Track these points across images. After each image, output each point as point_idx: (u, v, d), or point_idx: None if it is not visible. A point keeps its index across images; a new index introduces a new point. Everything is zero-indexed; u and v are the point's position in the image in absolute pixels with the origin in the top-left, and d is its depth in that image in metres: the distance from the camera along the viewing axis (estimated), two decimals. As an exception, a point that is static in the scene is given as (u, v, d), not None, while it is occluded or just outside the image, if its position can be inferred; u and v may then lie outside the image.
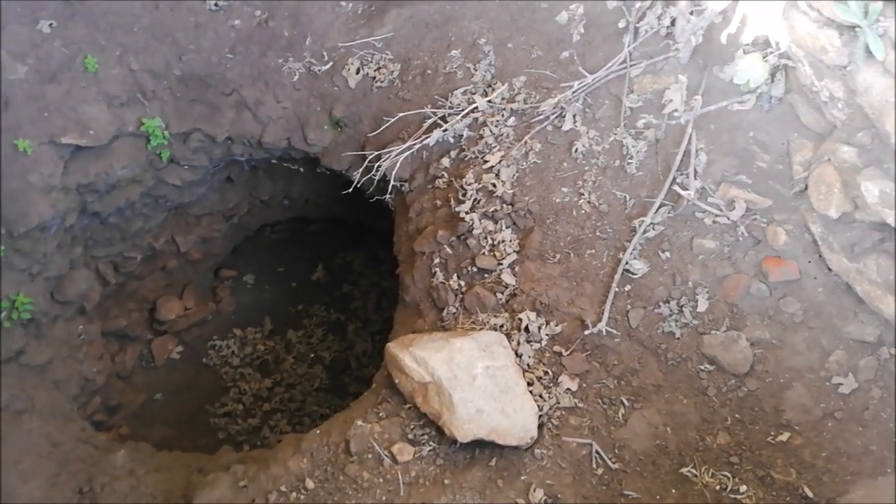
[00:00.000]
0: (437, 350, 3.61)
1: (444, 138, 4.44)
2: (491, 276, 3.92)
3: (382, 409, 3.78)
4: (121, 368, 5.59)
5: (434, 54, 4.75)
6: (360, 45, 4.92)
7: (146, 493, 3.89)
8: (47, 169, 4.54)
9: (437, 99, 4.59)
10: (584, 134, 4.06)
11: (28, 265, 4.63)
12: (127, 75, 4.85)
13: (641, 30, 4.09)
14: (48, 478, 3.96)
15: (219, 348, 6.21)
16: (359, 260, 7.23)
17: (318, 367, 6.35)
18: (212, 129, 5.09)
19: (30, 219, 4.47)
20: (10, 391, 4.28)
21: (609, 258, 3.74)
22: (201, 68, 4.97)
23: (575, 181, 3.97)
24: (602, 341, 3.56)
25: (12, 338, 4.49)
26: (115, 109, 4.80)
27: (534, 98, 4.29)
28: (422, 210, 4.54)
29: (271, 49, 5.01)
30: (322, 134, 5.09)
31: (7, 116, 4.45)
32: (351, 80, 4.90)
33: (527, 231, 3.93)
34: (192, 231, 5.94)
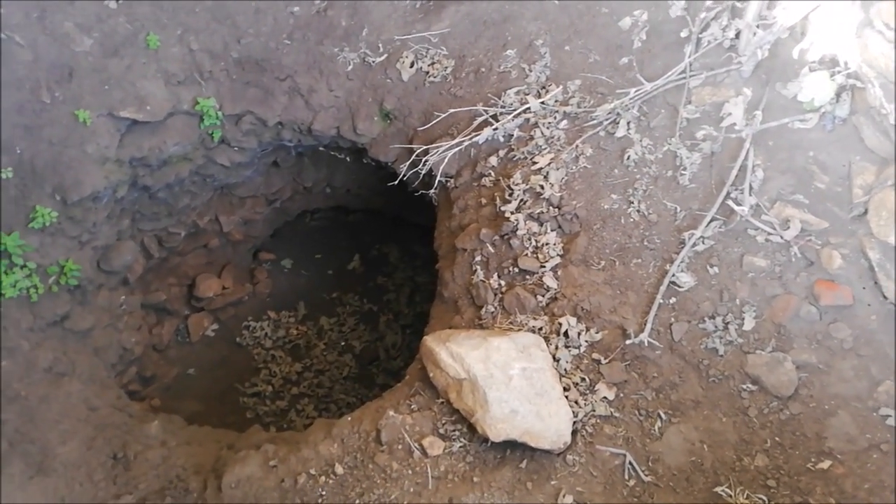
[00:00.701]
0: (474, 347, 3.60)
1: (493, 137, 4.43)
2: (532, 277, 3.90)
3: (415, 402, 3.78)
4: (157, 341, 5.69)
5: (489, 52, 4.74)
6: (416, 38, 4.93)
7: (177, 465, 3.95)
8: (104, 140, 4.64)
9: (489, 97, 4.58)
10: (638, 142, 4.01)
11: (78, 233, 4.74)
12: (186, 54, 4.93)
13: (704, 40, 4.03)
14: (85, 441, 4.05)
15: (253, 329, 6.29)
16: (394, 253, 7.25)
17: (347, 356, 6.39)
18: (264, 113, 5.15)
19: (84, 188, 4.58)
20: (53, 353, 4.39)
21: (655, 269, 3.69)
22: (258, 52, 5.03)
23: (625, 189, 3.93)
24: (643, 352, 3.51)
25: (59, 302, 4.60)
26: (172, 87, 4.89)
27: (588, 102, 4.26)
28: (466, 207, 4.54)
29: (328, 38, 5.05)
30: (371, 125, 5.12)
31: (71, 87, 4.56)
32: (404, 74, 4.92)
33: (572, 235, 3.90)
34: (236, 212, 6.02)
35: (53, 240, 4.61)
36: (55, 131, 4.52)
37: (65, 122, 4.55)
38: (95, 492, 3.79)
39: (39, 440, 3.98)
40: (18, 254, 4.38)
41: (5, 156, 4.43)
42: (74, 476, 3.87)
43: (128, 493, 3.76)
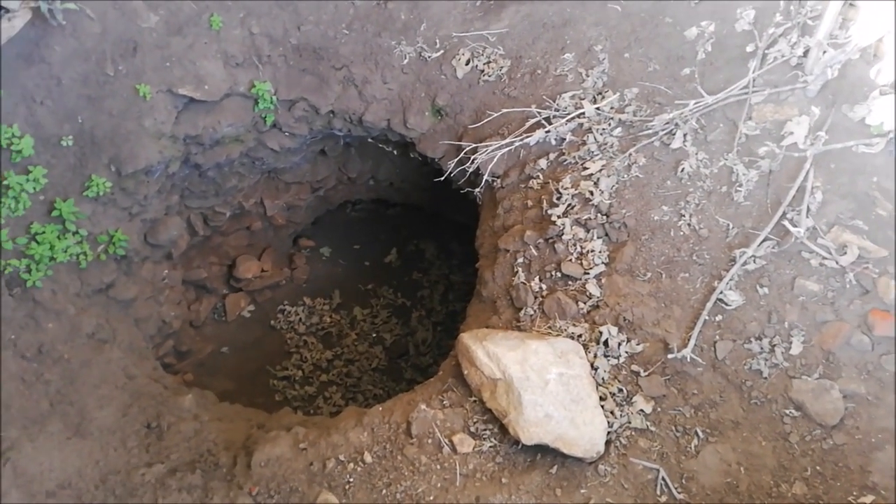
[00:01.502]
0: (511, 349, 3.58)
1: (545, 139, 4.40)
2: (575, 284, 3.86)
3: (447, 398, 3.78)
4: (194, 317, 5.79)
5: (546, 55, 4.72)
6: (474, 36, 4.93)
7: (208, 439, 4.01)
8: (161, 116, 4.74)
9: (543, 99, 4.56)
10: (693, 155, 3.94)
11: (129, 205, 4.85)
12: (246, 37, 5.01)
13: (770, 56, 3.94)
14: (121, 407, 4.13)
15: (287, 313, 6.35)
16: (431, 249, 7.26)
17: (377, 348, 6.41)
18: (317, 101, 5.20)
19: (138, 161, 4.68)
20: (96, 320, 4.50)
21: (703, 284, 3.62)
22: (317, 40, 5.09)
23: (677, 201, 3.86)
24: (684, 368, 3.45)
25: (105, 271, 4.71)
26: (230, 69, 4.96)
27: (644, 111, 4.20)
28: (511, 208, 4.52)
29: (386, 30, 5.08)
30: (422, 120, 5.13)
31: (134, 61, 4.66)
32: (459, 71, 4.92)
33: (619, 244, 3.85)
34: (281, 197, 6.09)
35: (105, 209, 4.72)
36: (116, 103, 4.63)
37: (125, 96, 4.65)
38: (128, 458, 3.86)
39: (78, 403, 4.07)
40: (72, 220, 4.50)
41: (67, 124, 4.55)
42: (109, 441, 3.95)
43: (159, 463, 3.82)
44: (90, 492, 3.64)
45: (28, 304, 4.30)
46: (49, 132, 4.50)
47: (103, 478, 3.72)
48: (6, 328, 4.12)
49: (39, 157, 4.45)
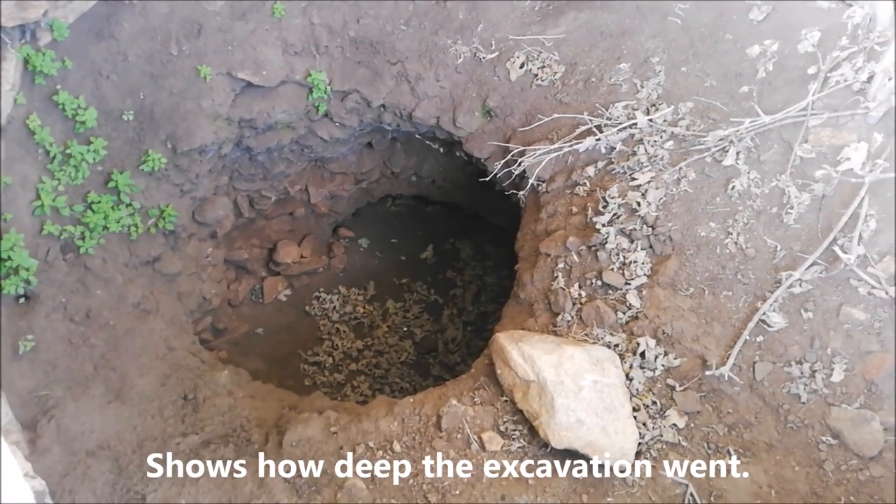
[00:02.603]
0: (547, 352, 3.60)
1: (595, 147, 4.40)
2: (615, 293, 3.86)
3: (478, 395, 3.81)
4: (233, 297, 5.92)
5: (602, 63, 4.72)
6: (530, 40, 4.96)
7: (241, 415, 4.10)
8: (219, 98, 4.86)
9: (595, 107, 4.56)
10: (745, 173, 3.91)
11: (181, 182, 4.98)
12: (306, 27, 5.11)
13: (832, 80, 3.89)
14: (160, 377, 4.25)
15: (322, 300, 6.45)
16: (467, 250, 7.30)
17: (407, 342, 6.47)
18: (370, 94, 5.28)
19: (193, 139, 4.81)
20: (142, 291, 4.63)
21: (745, 304, 3.59)
22: (375, 34, 5.16)
23: (725, 219, 3.84)
24: (721, 386, 3.43)
25: (154, 244, 4.85)
26: (288, 56, 5.07)
27: (698, 126, 4.18)
28: (555, 213, 4.53)
29: (443, 29, 5.13)
30: (471, 119, 5.17)
31: (198, 43, 4.79)
32: (513, 73, 4.95)
33: (663, 257, 3.84)
34: (325, 186, 6.19)
35: (158, 184, 4.86)
36: (177, 82, 4.77)
37: (187, 76, 4.79)
38: (164, 426, 3.97)
39: (120, 369, 4.20)
40: (126, 192, 4.64)
41: (129, 99, 4.70)
42: (147, 408, 4.07)
43: (194, 434, 3.92)
44: (127, 455, 3.76)
45: (80, 269, 4.45)
46: (112, 106, 4.65)
47: (140, 443, 3.84)
48: (57, 291, 4.27)
49: (101, 129, 4.60)
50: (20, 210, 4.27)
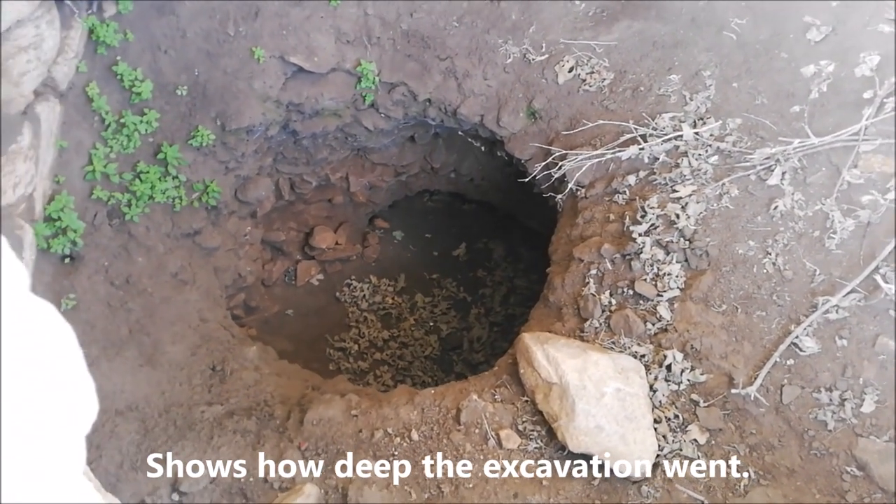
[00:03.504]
0: (572, 356, 3.59)
1: (637, 156, 4.38)
2: (646, 304, 3.83)
3: (499, 393, 3.82)
4: (267, 276, 6.03)
5: (652, 73, 4.69)
6: (581, 45, 4.95)
7: (266, 391, 4.19)
8: (270, 80, 4.97)
9: (641, 116, 4.53)
10: (789, 194, 3.85)
11: (227, 159, 5.10)
12: (360, 17, 5.18)
13: (887, 106, 3.81)
14: (191, 346, 4.37)
15: (353, 288, 6.53)
16: (499, 250, 7.31)
17: (433, 337, 6.51)
18: (417, 87, 5.33)
19: (243, 119, 4.92)
20: (181, 261, 4.76)
21: (778, 326, 3.54)
22: (426, 29, 5.21)
23: (765, 238, 3.78)
24: (746, 406, 3.38)
25: (196, 217, 4.98)
26: (340, 45, 5.15)
27: (745, 143, 4.12)
28: (591, 219, 4.51)
29: (495, 28, 5.16)
30: (515, 120, 5.18)
31: (254, 25, 4.91)
32: (561, 77, 4.95)
33: (698, 272, 3.80)
34: (365, 175, 6.27)
35: (205, 160, 4.99)
36: (231, 62, 4.89)
37: (241, 56, 4.90)
38: (192, 394, 4.08)
39: (154, 335, 4.33)
40: (174, 165, 4.78)
41: (184, 74, 4.84)
42: (177, 375, 4.19)
43: (219, 404, 4.02)
44: (154, 418, 3.87)
45: (124, 236, 4.60)
46: (167, 80, 4.79)
47: (167, 407, 3.95)
48: (101, 254, 4.42)
49: (155, 101, 4.75)
50: (73, 174, 4.43)
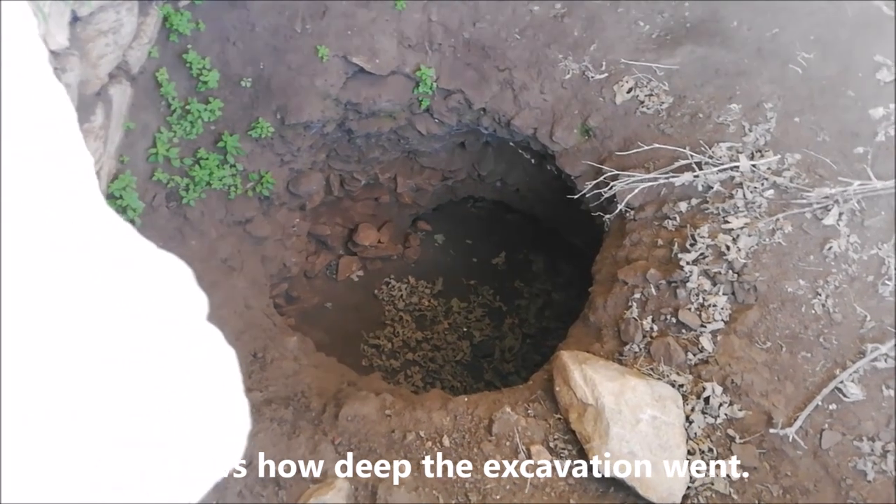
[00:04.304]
0: (610, 379, 3.60)
1: (691, 183, 4.35)
2: (688, 333, 3.82)
3: (532, 408, 3.85)
4: (310, 268, 6.16)
5: (712, 100, 4.65)
6: (641, 67, 4.94)
7: (303, 381, 4.28)
8: (332, 79, 5.07)
9: (698, 144, 4.50)
10: (845, 236, 3.79)
11: (283, 152, 5.23)
12: (424, 22, 5.25)
13: (957, 154, 3.72)
14: (234, 332, 4.49)
15: (391, 287, 6.62)
16: (539, 263, 7.31)
17: (465, 342, 6.55)
18: (473, 96, 5.37)
19: (302, 114, 5.04)
20: (231, 248, 4.90)
21: (823, 369, 3.49)
22: (488, 39, 5.26)
23: (816, 278, 3.73)
24: (783, 446, 3.35)
25: (248, 206, 5.11)
26: (402, 48, 5.23)
27: (803, 180, 4.07)
28: (639, 242, 4.50)
29: (556, 43, 5.18)
30: (568, 136, 5.19)
31: (321, 23, 5.02)
32: (619, 97, 4.94)
33: (745, 306, 3.77)
34: (413, 178, 6.34)
35: (262, 151, 5.12)
36: (296, 58, 5.01)
37: (306, 53, 5.02)
38: (232, 378, 4.19)
39: (201, 317, 4.46)
40: (233, 154, 4.91)
41: (250, 67, 4.97)
42: (219, 358, 4.31)
43: (258, 391, 4.13)
44: (195, 399, 4.00)
45: (179, 218, 4.75)
46: (233, 71, 4.93)
47: (208, 390, 4.07)
48: (157, 235, 4.57)
49: (220, 91, 4.89)
50: (136, 155, 4.60)
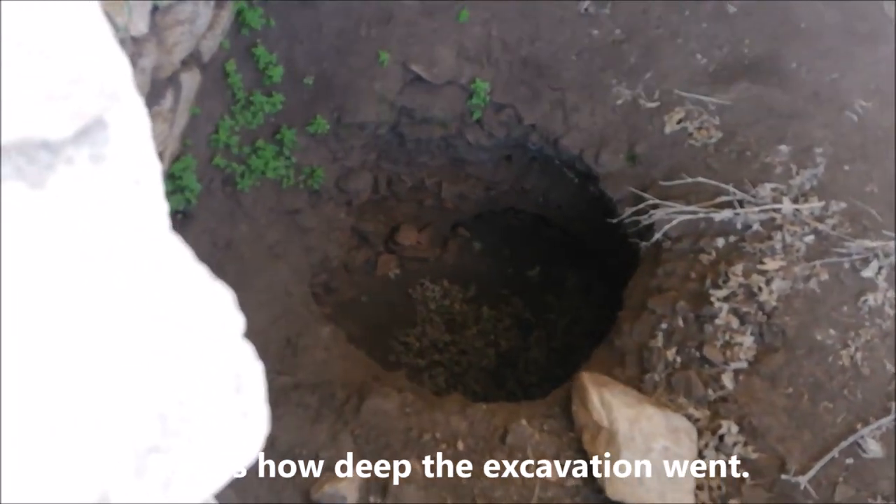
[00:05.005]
0: (627, 405, 3.66)
1: (730, 220, 4.37)
2: (711, 369, 3.85)
3: (547, 424, 3.94)
4: (350, 262, 6.35)
5: (761, 140, 4.66)
6: (694, 100, 4.97)
7: (332, 371, 4.47)
8: (390, 84, 5.25)
9: (743, 182, 4.51)
10: (882, 291, 3.77)
11: (336, 149, 5.43)
12: (483, 36, 5.38)
13: None
14: (272, 317, 4.71)
15: (425, 288, 6.76)
16: (572, 280, 7.35)
17: (492, 350, 6.65)
18: (524, 112, 5.48)
19: (358, 115, 5.23)
20: (277, 236, 5.12)
21: (844, 422, 3.48)
22: (545, 58, 5.36)
23: (847, 329, 3.72)
24: (793, 494, 3.36)
25: (298, 198, 5.33)
26: (460, 60, 5.37)
27: (845, 228, 4.05)
28: (672, 272, 4.54)
29: (612, 68, 5.24)
30: (614, 160, 5.24)
31: (384, 29, 5.20)
32: (668, 127, 4.98)
33: (771, 349, 3.78)
34: (458, 185, 6.48)
35: (317, 147, 5.33)
36: (357, 61, 5.20)
37: (367, 57, 5.20)
38: (265, 360, 4.34)
39: (242, 300, 4.59)
40: (289, 146, 5.13)
41: (314, 66, 5.19)
42: (255, 341, 4.38)
43: (287, 375, 4.32)
44: (229, 376, 4.21)
45: (232, 203, 5.00)
46: (297, 68, 5.15)
47: (242, 369, 4.28)
48: (210, 216, 4.82)
49: (283, 86, 5.11)
50: (199, 139, 4.85)
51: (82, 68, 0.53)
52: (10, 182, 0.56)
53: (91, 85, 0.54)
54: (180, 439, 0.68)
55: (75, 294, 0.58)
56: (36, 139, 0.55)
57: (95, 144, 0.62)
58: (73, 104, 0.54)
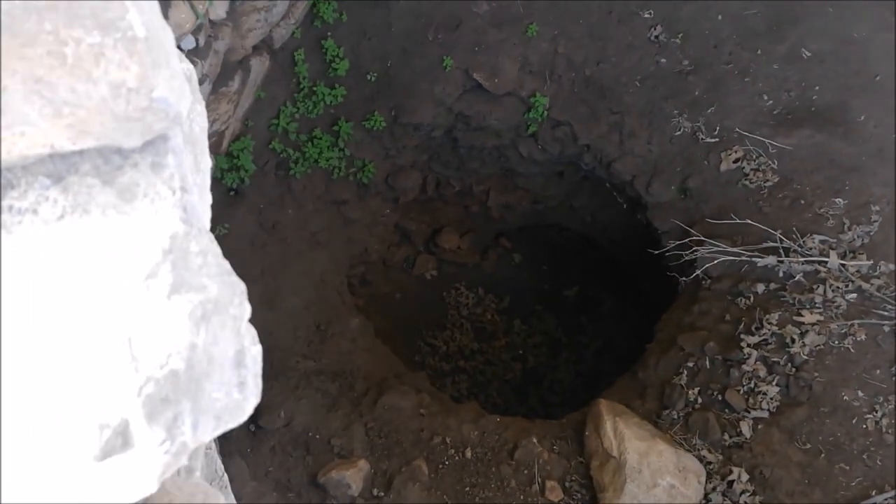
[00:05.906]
0: (639, 438, 3.65)
1: (774, 267, 4.29)
2: (730, 414, 3.79)
3: (558, 445, 3.95)
4: (388, 258, 6.48)
5: (817, 189, 4.55)
6: (754, 140, 4.88)
7: (355, 363, 4.58)
8: (450, 89, 5.33)
9: (791, 229, 4.42)
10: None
11: (389, 147, 5.55)
12: (549, 52, 5.41)
13: None
14: (306, 301, 4.86)
15: (460, 293, 6.83)
16: (609, 305, 7.29)
17: (518, 364, 6.67)
18: (580, 131, 5.49)
19: (415, 116, 5.34)
20: (322, 224, 5.27)
21: (859, 485, 3.39)
22: (608, 80, 5.35)
23: (876, 394, 3.61)
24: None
25: (347, 189, 5.48)
26: (523, 73, 5.41)
27: (890, 291, 3.93)
28: (707, 312, 4.48)
29: (674, 98, 5.20)
30: (665, 191, 5.20)
31: (451, 36, 5.29)
32: (724, 164, 4.91)
33: (794, 403, 3.70)
34: (505, 195, 6.52)
35: (371, 142, 5.46)
36: (421, 63, 5.30)
37: (431, 60, 5.30)
38: (293, 343, 4.55)
39: (280, 281, 4.85)
40: (344, 139, 5.28)
41: (378, 63, 5.32)
42: (286, 322, 4.68)
43: (312, 360, 4.46)
44: (257, 352, 4.37)
45: (283, 187, 5.17)
46: (362, 64, 5.29)
47: (270, 348, 4.41)
48: (260, 198, 5.00)
49: (346, 79, 5.26)
50: (260, 122, 5.05)
51: (155, 101, 0.70)
52: (87, 178, 0.71)
53: (159, 112, 0.72)
54: (186, 395, 0.80)
55: (121, 266, 0.71)
56: (113, 146, 0.72)
57: (157, 154, 0.76)
58: (144, 124, 0.72)
